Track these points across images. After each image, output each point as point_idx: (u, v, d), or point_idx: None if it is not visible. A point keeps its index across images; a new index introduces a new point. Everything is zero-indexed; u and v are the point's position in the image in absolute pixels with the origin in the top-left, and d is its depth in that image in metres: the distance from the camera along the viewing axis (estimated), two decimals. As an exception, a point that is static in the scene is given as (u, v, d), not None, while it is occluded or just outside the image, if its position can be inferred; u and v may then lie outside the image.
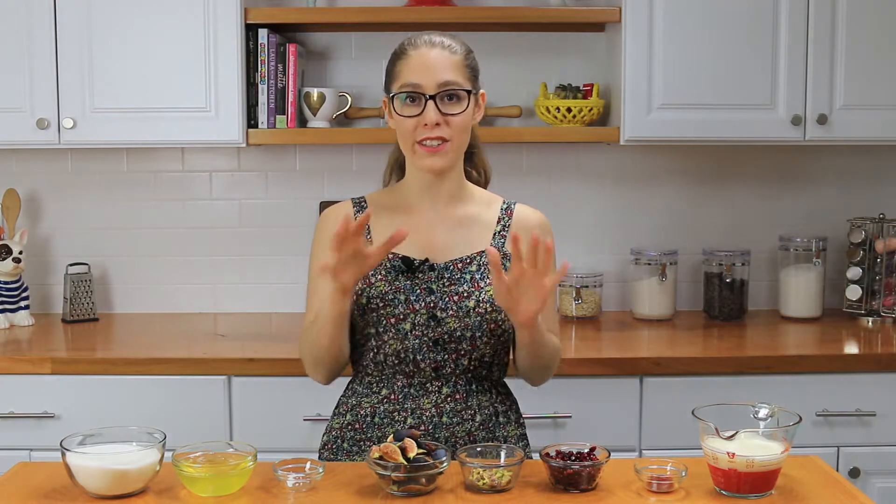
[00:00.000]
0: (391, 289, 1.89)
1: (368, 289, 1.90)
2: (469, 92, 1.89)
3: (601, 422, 2.65)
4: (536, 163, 3.27)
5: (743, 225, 3.31)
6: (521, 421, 2.02)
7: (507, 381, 2.04)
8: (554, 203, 3.22)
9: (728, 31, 2.89)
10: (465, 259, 1.93)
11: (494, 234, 1.96)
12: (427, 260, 1.91)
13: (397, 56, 1.92)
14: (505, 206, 2.00)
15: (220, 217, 3.28)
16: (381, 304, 1.88)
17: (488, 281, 1.90)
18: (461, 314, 1.88)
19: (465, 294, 1.89)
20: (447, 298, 1.88)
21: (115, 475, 1.62)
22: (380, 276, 1.90)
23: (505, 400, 1.99)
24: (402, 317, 1.88)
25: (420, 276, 1.90)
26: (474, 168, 2.05)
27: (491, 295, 1.89)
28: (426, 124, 1.85)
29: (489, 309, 1.89)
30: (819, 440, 2.68)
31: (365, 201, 2.00)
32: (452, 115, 1.86)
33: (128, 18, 2.86)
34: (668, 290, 3.16)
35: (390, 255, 1.91)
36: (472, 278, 1.91)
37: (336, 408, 2.02)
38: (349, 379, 2.03)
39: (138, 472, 1.64)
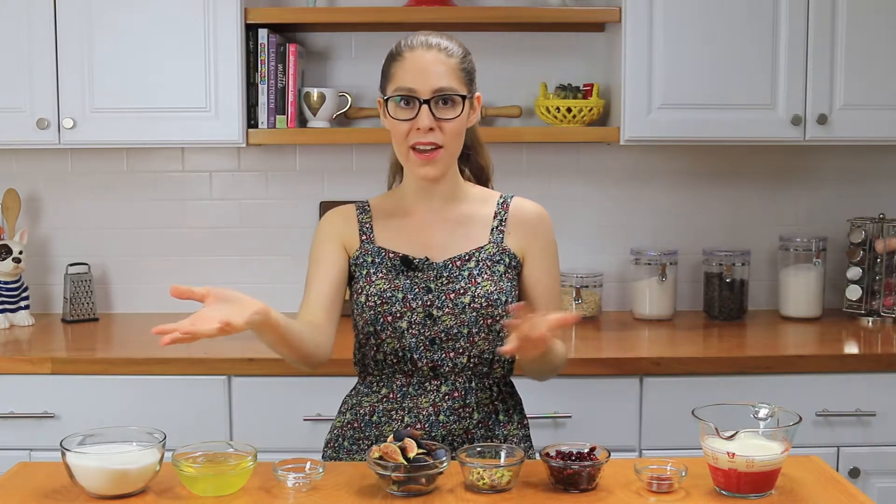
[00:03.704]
0: (389, 287, 1.89)
1: (368, 286, 1.90)
2: (464, 97, 1.88)
3: (601, 422, 2.65)
4: (536, 163, 3.27)
5: (743, 225, 3.31)
6: (525, 422, 2.01)
7: (514, 380, 2.03)
8: (554, 203, 3.18)
9: (728, 31, 2.89)
10: (464, 256, 1.93)
11: (492, 230, 1.96)
12: (427, 258, 1.91)
13: (392, 57, 1.91)
14: (501, 200, 2.00)
15: (220, 217, 3.28)
16: (378, 302, 1.89)
17: (486, 276, 1.90)
18: (457, 311, 1.88)
19: (462, 291, 1.89)
20: (444, 297, 1.89)
21: (115, 475, 1.62)
22: (380, 275, 1.91)
23: (508, 399, 1.98)
24: (398, 315, 1.88)
25: (419, 274, 1.90)
26: (472, 168, 2.05)
27: (487, 290, 1.89)
28: (419, 128, 1.85)
29: (485, 304, 1.88)
30: (819, 440, 2.68)
31: (368, 205, 2.01)
32: (446, 119, 1.86)
33: (128, 18, 2.86)
34: (668, 290, 3.16)
35: (391, 255, 1.92)
36: (469, 275, 1.90)
37: (340, 406, 2.02)
38: (356, 379, 2.03)
39: (138, 472, 1.64)
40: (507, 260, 1.94)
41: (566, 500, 1.64)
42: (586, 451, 1.69)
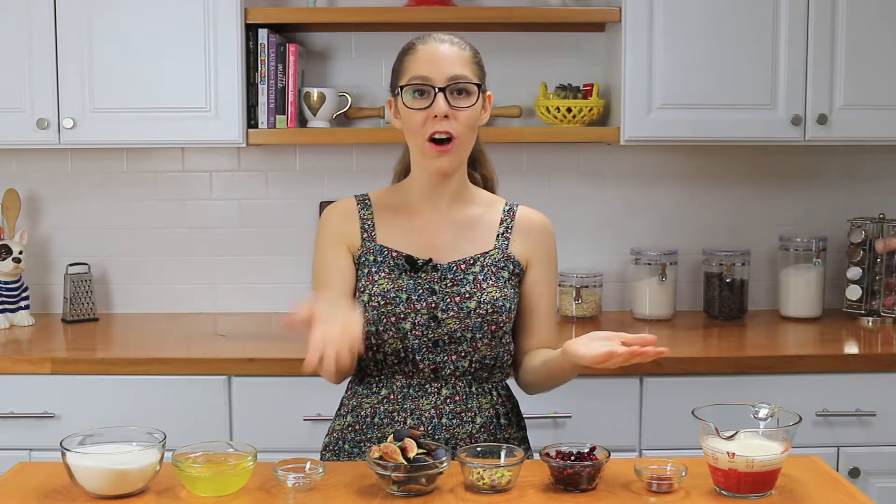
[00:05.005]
0: (393, 287, 1.88)
1: (371, 286, 1.89)
2: (478, 86, 1.88)
3: (601, 422, 2.66)
4: (536, 163, 3.27)
5: (743, 225, 3.31)
6: (522, 424, 2.02)
7: (509, 382, 2.03)
8: (554, 203, 3.21)
9: (728, 31, 2.89)
10: (469, 260, 1.92)
11: (498, 236, 1.96)
12: (430, 260, 1.90)
13: (405, 52, 1.91)
14: (507, 207, 2.00)
15: (220, 217, 3.28)
16: (382, 302, 1.88)
17: (491, 282, 1.90)
18: (462, 315, 1.87)
19: (467, 295, 1.88)
20: (448, 299, 1.88)
21: (115, 475, 1.62)
22: (383, 274, 1.90)
23: (506, 402, 1.98)
24: (402, 316, 1.87)
25: (423, 275, 1.89)
26: (480, 173, 2.05)
27: (493, 296, 1.89)
28: (435, 116, 1.83)
29: (490, 310, 1.88)
30: (819, 440, 2.68)
31: (369, 198, 1.99)
32: (461, 108, 1.85)
33: (128, 19, 2.86)
34: (668, 290, 3.16)
35: (394, 254, 1.91)
36: (474, 279, 1.90)
37: (338, 409, 2.01)
38: (350, 379, 2.03)
39: (138, 472, 1.64)
40: (511, 267, 1.94)
41: (566, 500, 1.64)
42: (586, 451, 1.69)
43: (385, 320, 1.88)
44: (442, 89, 1.84)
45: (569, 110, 3.04)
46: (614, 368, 1.78)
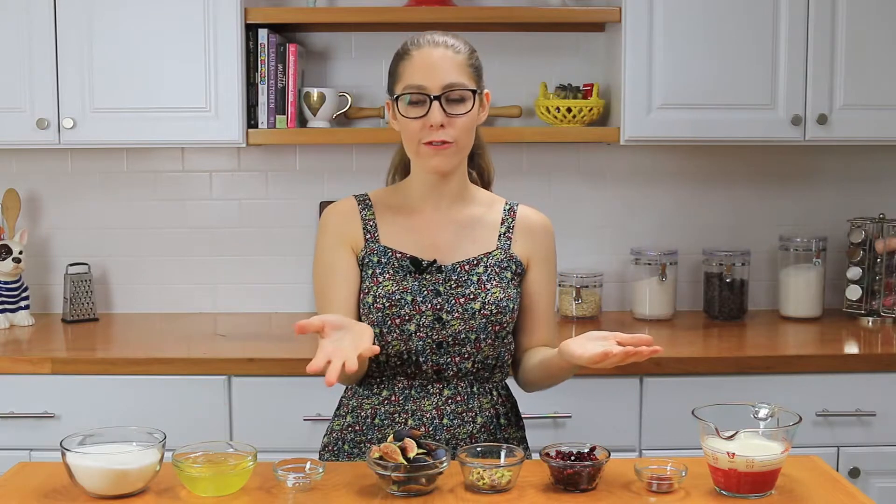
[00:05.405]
0: (398, 289, 1.88)
1: (375, 287, 1.89)
2: (474, 92, 1.87)
3: (601, 422, 2.66)
4: (536, 163, 3.27)
5: (743, 225, 3.32)
6: (521, 423, 2.02)
7: (507, 382, 2.03)
8: (554, 203, 3.21)
9: (728, 31, 2.89)
10: (472, 261, 1.92)
11: (499, 236, 1.96)
12: (435, 261, 1.90)
13: (400, 56, 1.90)
14: (507, 206, 2.00)
15: (220, 217, 3.28)
16: (387, 304, 1.87)
17: (494, 283, 1.90)
18: (466, 316, 1.87)
19: (472, 296, 1.88)
20: (453, 300, 1.88)
21: (115, 475, 1.62)
22: (387, 276, 1.89)
23: (506, 402, 1.98)
24: (407, 318, 1.87)
25: (428, 277, 1.89)
26: (475, 169, 2.05)
27: (497, 297, 1.89)
28: (431, 125, 1.84)
29: (494, 311, 1.88)
30: (819, 440, 2.68)
31: (369, 198, 1.99)
32: (457, 115, 1.85)
33: (128, 19, 2.86)
34: (668, 290, 3.16)
35: (398, 255, 1.91)
36: (478, 280, 1.90)
37: (337, 409, 2.01)
38: (350, 378, 2.03)
39: (138, 472, 1.64)
40: (514, 267, 1.94)
41: (566, 500, 1.64)
42: (586, 451, 1.69)
43: (390, 322, 1.87)
44: (437, 97, 1.83)
45: (569, 110, 3.04)
46: (613, 368, 1.79)
